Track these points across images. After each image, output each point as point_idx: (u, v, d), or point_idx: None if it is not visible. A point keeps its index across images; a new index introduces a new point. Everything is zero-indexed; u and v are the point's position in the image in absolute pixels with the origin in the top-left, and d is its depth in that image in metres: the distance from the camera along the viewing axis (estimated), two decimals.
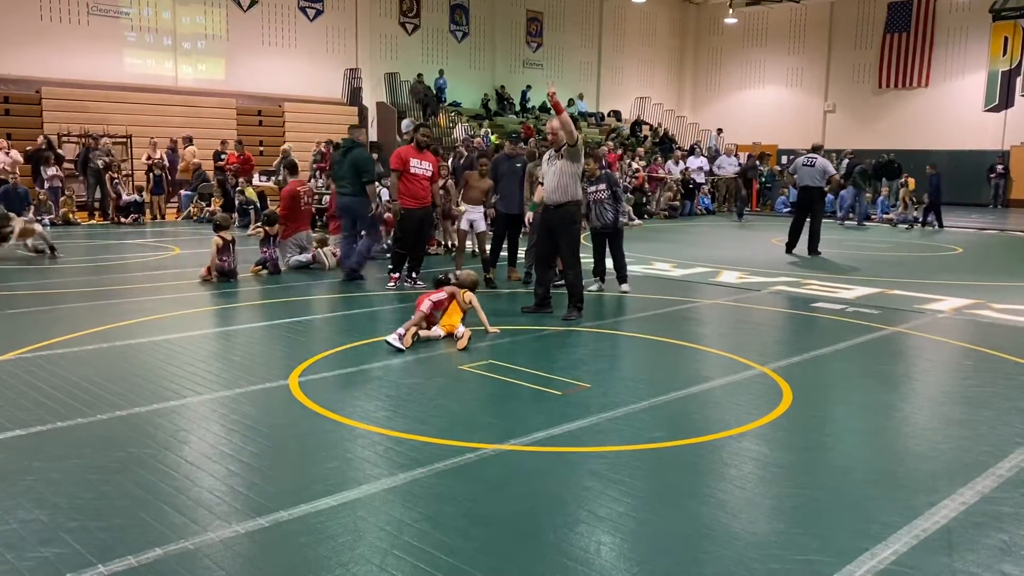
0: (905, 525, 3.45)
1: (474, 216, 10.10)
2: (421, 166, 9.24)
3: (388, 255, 12.16)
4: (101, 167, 17.15)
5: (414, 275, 9.57)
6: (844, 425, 4.94)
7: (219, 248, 9.62)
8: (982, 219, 22.12)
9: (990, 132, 27.98)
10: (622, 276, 9.48)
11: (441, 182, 10.43)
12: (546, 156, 8.05)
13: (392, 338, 6.40)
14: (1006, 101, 27.71)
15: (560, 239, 7.87)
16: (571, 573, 3.02)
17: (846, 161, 23.36)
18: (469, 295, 7.06)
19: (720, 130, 27.68)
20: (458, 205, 10.21)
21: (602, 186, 9.15)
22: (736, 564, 3.11)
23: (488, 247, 10.05)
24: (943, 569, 3.10)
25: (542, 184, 8.03)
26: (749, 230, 18.62)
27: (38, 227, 12.04)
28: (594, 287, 9.46)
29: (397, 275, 9.49)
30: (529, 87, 28.82)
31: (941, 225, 19.59)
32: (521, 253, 10.52)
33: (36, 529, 3.29)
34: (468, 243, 10.84)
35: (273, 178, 17.53)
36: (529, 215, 8.44)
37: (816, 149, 14.10)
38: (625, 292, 9.29)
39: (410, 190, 9.20)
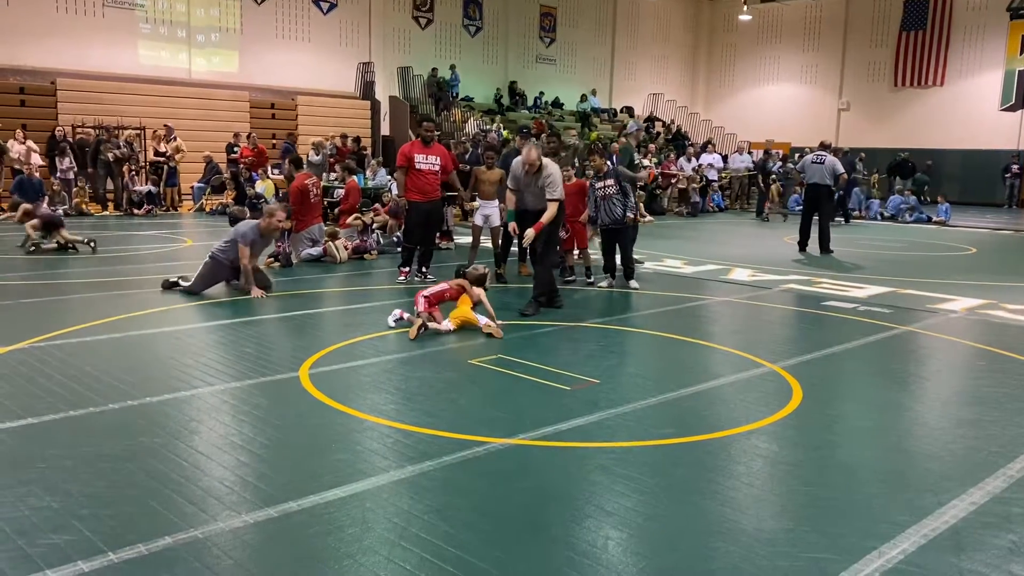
0: (914, 524, 3.44)
1: (488, 211, 10.05)
2: (427, 161, 9.23)
3: (399, 250, 12.21)
4: (111, 160, 17.23)
5: (424, 269, 9.59)
6: (854, 424, 4.92)
7: None
8: (996, 219, 21.97)
9: (1006, 132, 27.77)
10: (630, 272, 9.45)
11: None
12: (522, 169, 8.27)
13: (391, 318, 6.95)
14: (1022, 101, 27.48)
15: (537, 237, 7.96)
16: (578, 567, 3.03)
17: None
18: (477, 291, 7.07)
19: (771, 145, 26.82)
20: (472, 200, 10.16)
21: (610, 181, 9.11)
22: (743, 561, 3.11)
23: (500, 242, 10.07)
24: (951, 569, 3.09)
25: (513, 191, 8.39)
26: (762, 228, 18.55)
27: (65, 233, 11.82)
28: (604, 283, 9.45)
29: (407, 269, 9.50)
30: (543, 93, 28.86)
31: (847, 220, 20.34)
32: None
33: (47, 516, 3.32)
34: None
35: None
36: (512, 225, 8.43)
37: (825, 147, 14.04)
38: (635, 289, 9.28)
39: (417, 185, 9.21)
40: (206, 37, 21.78)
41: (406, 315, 7.00)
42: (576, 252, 9.93)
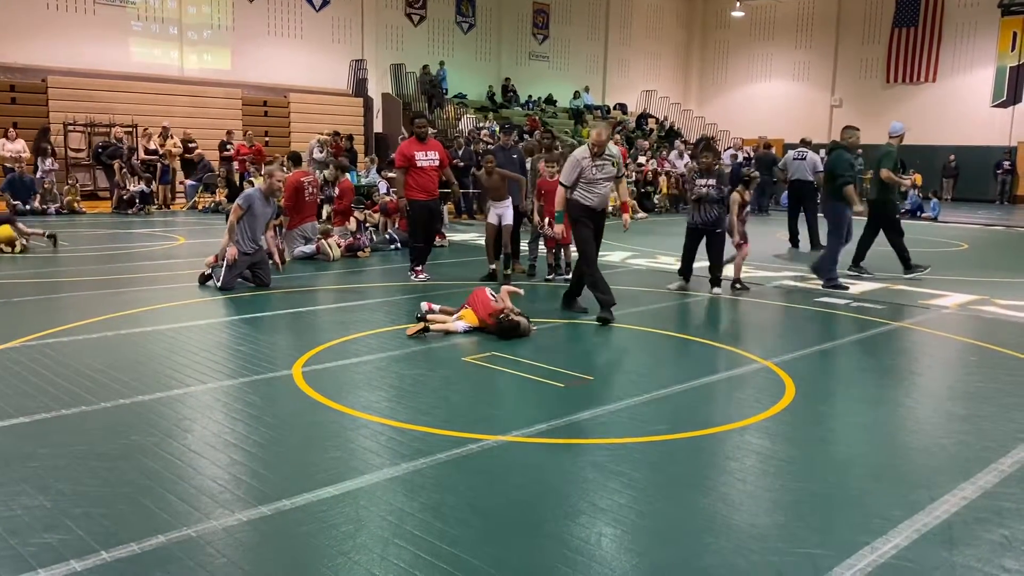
0: (906, 519, 3.45)
1: (500, 210, 9.78)
2: (427, 158, 9.19)
3: (392, 247, 12.20)
4: (117, 156, 17.26)
5: (419, 267, 9.56)
6: (846, 419, 4.93)
7: None
8: (988, 215, 22.05)
9: (997, 128, 27.88)
10: (716, 279, 9.04)
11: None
12: (587, 160, 7.31)
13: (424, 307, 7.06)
14: (1014, 97, 27.59)
15: (600, 239, 7.52)
16: (572, 563, 3.03)
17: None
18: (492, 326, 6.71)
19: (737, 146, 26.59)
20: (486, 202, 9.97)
21: (712, 181, 8.84)
22: (736, 556, 3.12)
23: (510, 240, 9.87)
24: (943, 563, 3.11)
25: (565, 187, 7.36)
26: (753, 225, 18.55)
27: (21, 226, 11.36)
28: (673, 286, 9.14)
29: (420, 267, 9.43)
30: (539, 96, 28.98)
31: (767, 211, 20.99)
32: (523, 246, 10.49)
33: (40, 515, 3.31)
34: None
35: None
36: (559, 228, 7.63)
37: (806, 144, 14.16)
38: (717, 294, 8.93)
39: (419, 183, 9.16)
40: (198, 34, 21.72)
41: (435, 307, 7.06)
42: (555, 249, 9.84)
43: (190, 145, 18.88)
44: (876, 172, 10.44)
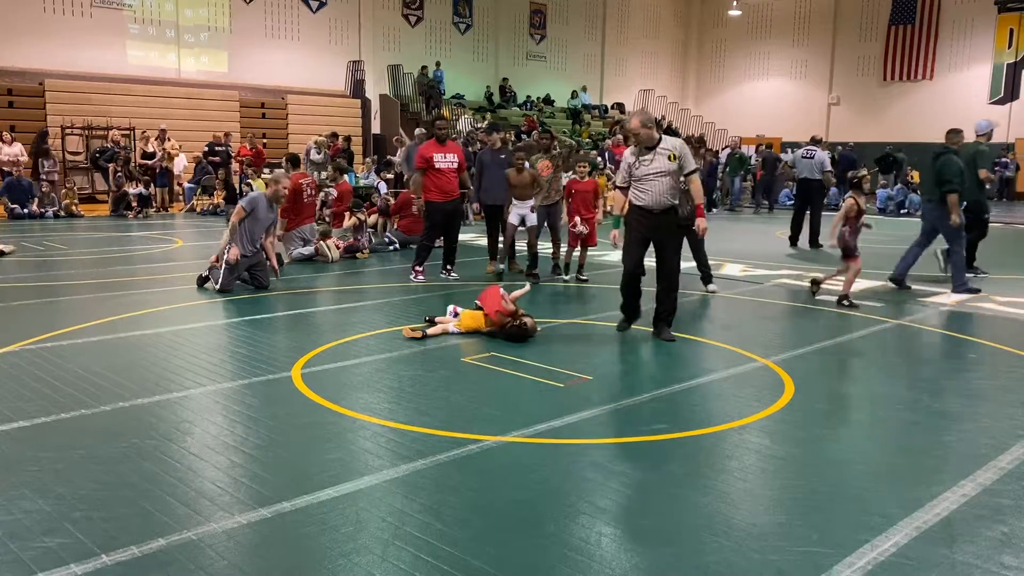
0: (906, 517, 3.46)
1: (523, 211, 9.67)
2: (446, 159, 9.17)
3: (391, 248, 12.20)
4: (113, 159, 17.27)
5: (448, 267, 9.55)
6: (845, 417, 4.94)
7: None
8: None
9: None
10: (707, 277, 9.03)
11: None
12: (634, 156, 6.68)
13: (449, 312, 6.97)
14: (1011, 93, 27.62)
15: (670, 247, 6.87)
16: (572, 563, 3.03)
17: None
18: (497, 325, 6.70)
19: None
20: (510, 202, 9.81)
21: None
22: (736, 555, 3.12)
23: (536, 241, 9.76)
24: (943, 561, 3.11)
25: (620, 188, 6.79)
26: (753, 223, 18.58)
27: None
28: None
29: (421, 268, 9.44)
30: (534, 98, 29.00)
31: (770, 208, 21.56)
32: (521, 245, 10.46)
33: (40, 519, 3.31)
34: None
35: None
36: (615, 233, 6.92)
37: (816, 142, 14.15)
38: (713, 292, 8.93)
39: (437, 184, 9.14)
40: (195, 37, 21.73)
41: (459, 309, 6.93)
42: (576, 249, 9.80)
43: (217, 148, 18.85)
44: (972, 173, 10.01)
